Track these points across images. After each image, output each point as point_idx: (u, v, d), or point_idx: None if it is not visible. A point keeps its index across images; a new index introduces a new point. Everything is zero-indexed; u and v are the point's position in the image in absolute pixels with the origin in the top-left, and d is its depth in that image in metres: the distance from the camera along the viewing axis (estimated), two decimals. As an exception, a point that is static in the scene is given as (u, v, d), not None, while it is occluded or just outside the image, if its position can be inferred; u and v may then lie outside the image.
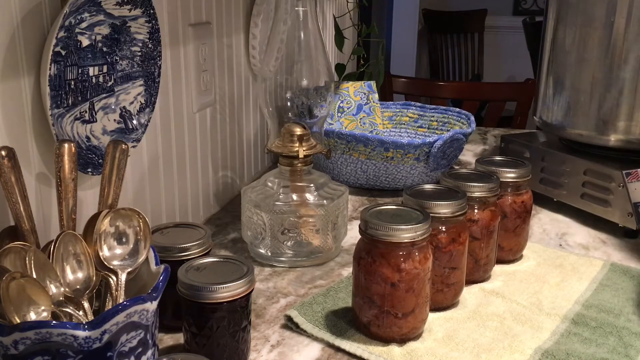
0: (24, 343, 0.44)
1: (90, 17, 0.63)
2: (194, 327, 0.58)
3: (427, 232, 0.64)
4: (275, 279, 0.80)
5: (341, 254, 0.88)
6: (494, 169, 0.83)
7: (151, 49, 0.72)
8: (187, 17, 0.88)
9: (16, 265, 0.49)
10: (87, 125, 0.65)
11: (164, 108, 0.83)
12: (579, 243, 0.93)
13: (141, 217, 0.56)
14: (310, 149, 0.83)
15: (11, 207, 0.53)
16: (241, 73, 1.09)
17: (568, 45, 1.01)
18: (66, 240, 0.53)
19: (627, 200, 0.91)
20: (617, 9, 0.93)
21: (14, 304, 0.46)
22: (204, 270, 0.60)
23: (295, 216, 0.82)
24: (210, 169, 0.99)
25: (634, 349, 0.65)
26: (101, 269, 0.55)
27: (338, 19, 1.56)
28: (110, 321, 0.45)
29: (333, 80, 0.89)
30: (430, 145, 1.04)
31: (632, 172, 0.92)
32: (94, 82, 0.65)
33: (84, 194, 0.67)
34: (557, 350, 0.64)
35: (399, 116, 1.34)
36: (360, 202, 1.08)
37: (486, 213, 0.77)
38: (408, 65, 3.70)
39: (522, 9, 4.13)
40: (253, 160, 1.18)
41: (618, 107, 0.96)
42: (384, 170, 1.08)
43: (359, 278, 0.65)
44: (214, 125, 0.99)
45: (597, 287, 0.78)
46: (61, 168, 0.56)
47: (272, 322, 0.70)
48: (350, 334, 0.67)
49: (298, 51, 0.86)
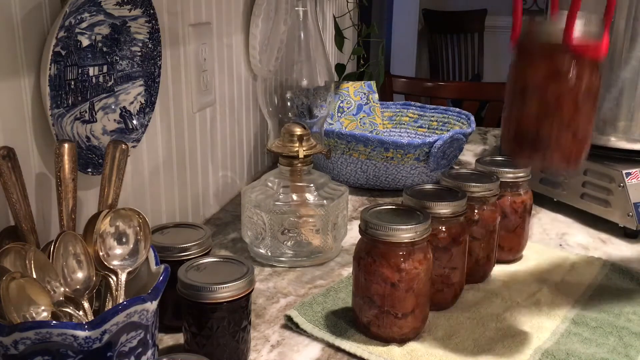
0: (24, 343, 0.44)
1: (90, 17, 0.63)
2: (194, 327, 0.58)
3: (427, 232, 0.64)
4: (275, 279, 0.80)
5: (341, 254, 0.88)
6: (494, 169, 0.83)
7: (151, 49, 0.72)
8: (187, 17, 0.88)
9: (16, 265, 0.49)
10: (87, 125, 0.65)
11: (164, 108, 0.83)
12: (579, 243, 0.93)
13: (141, 217, 0.56)
14: (310, 149, 0.83)
15: (11, 207, 0.53)
16: (241, 73, 1.09)
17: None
18: (66, 240, 0.53)
19: (627, 200, 0.91)
20: (617, 9, 0.93)
21: (14, 304, 0.46)
22: (204, 270, 0.60)
23: (295, 216, 0.82)
24: (210, 169, 0.99)
25: (634, 349, 0.65)
26: (101, 269, 0.55)
27: (338, 19, 1.56)
28: (110, 321, 0.45)
29: (333, 80, 0.89)
30: (430, 145, 1.04)
31: (632, 172, 0.92)
32: (94, 82, 0.65)
33: (84, 194, 0.67)
34: (557, 350, 0.64)
35: (399, 116, 1.34)
36: (360, 202, 1.08)
37: (486, 213, 0.77)
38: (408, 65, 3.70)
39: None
40: (253, 160, 1.18)
41: (618, 107, 0.96)
42: (384, 170, 1.08)
43: (359, 278, 0.65)
44: (214, 125, 0.99)
45: (597, 287, 0.78)
46: (61, 168, 0.56)
47: (272, 322, 0.70)
48: (350, 334, 0.67)
49: (298, 51, 0.86)
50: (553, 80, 0.56)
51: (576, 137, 0.57)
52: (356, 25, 1.65)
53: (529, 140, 0.58)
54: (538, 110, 0.57)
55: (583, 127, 0.57)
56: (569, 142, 0.57)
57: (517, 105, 0.59)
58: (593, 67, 0.56)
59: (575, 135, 0.57)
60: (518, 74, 0.58)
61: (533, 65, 0.57)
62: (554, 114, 0.56)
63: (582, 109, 0.56)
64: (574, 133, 0.57)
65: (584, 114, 0.57)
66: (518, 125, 0.59)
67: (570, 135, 0.57)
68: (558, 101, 0.56)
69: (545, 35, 0.56)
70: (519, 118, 0.59)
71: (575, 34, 0.54)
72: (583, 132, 0.58)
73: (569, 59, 0.55)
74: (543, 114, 0.57)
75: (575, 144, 0.58)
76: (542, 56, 0.56)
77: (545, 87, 0.56)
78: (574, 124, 0.57)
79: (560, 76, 0.55)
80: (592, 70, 0.56)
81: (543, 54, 0.56)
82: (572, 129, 0.57)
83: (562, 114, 0.56)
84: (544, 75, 0.56)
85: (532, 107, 0.57)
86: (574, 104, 0.56)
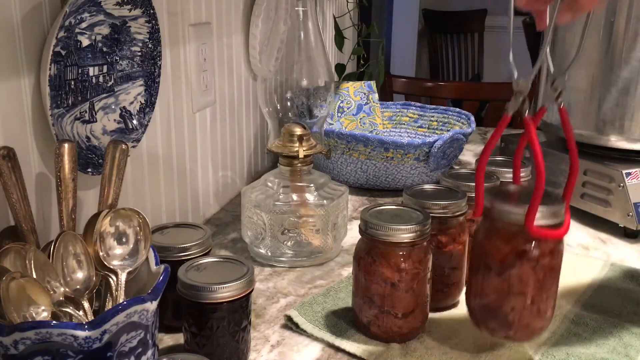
0: (24, 343, 0.44)
1: (90, 17, 0.63)
2: (194, 327, 0.58)
3: (427, 232, 0.64)
4: (275, 279, 0.80)
5: (341, 254, 0.88)
6: (494, 169, 0.83)
7: (151, 49, 0.72)
8: (187, 17, 0.88)
9: (16, 265, 0.49)
10: (87, 125, 0.65)
11: (164, 108, 0.83)
12: (579, 243, 0.93)
13: (141, 217, 0.56)
14: (310, 149, 0.83)
15: (11, 207, 0.53)
16: (241, 73, 1.09)
17: (568, 45, 1.01)
18: (66, 240, 0.53)
19: (627, 200, 0.91)
20: (617, 9, 0.93)
21: (14, 304, 0.46)
22: (204, 270, 0.60)
23: (295, 216, 0.82)
24: (210, 169, 0.99)
25: (634, 349, 0.65)
26: (101, 269, 0.55)
27: (338, 19, 1.56)
28: (110, 321, 0.45)
29: (333, 80, 0.89)
30: (430, 145, 1.04)
31: (632, 172, 0.92)
32: (94, 82, 0.65)
33: (84, 194, 0.67)
34: (557, 350, 0.64)
35: (399, 116, 1.34)
36: (360, 202, 1.08)
37: (486, 213, 0.77)
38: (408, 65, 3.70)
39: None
40: (253, 160, 1.18)
41: (618, 107, 0.96)
42: (384, 170, 1.08)
43: (359, 278, 0.65)
44: (214, 125, 0.99)
45: (597, 287, 0.78)
46: (61, 168, 0.56)
47: (272, 322, 0.70)
48: (350, 334, 0.66)
49: (298, 51, 0.86)
50: (515, 262, 0.56)
51: (539, 314, 0.58)
52: (356, 25, 1.65)
53: (491, 313, 0.59)
54: (501, 287, 0.57)
55: (546, 304, 0.58)
56: (532, 320, 0.58)
57: (480, 279, 0.59)
58: (556, 246, 0.57)
59: (538, 312, 0.58)
60: (482, 249, 0.59)
61: (496, 245, 0.57)
62: (516, 293, 0.57)
63: (544, 287, 0.57)
64: (537, 311, 0.58)
65: (546, 291, 0.58)
66: (481, 298, 0.60)
67: (534, 313, 0.58)
68: (520, 281, 0.56)
69: (507, 215, 0.56)
70: (482, 292, 0.59)
71: (537, 217, 0.54)
72: (545, 308, 0.58)
73: (530, 242, 0.56)
74: (506, 292, 0.57)
75: (539, 320, 0.59)
76: (504, 238, 0.57)
77: (507, 267, 0.56)
78: (537, 302, 0.57)
79: (522, 258, 0.56)
80: (555, 249, 0.57)
81: (505, 235, 0.57)
82: (535, 307, 0.57)
83: (525, 293, 0.57)
84: (506, 255, 0.56)
85: (495, 284, 0.58)
86: (536, 284, 0.56)
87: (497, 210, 0.56)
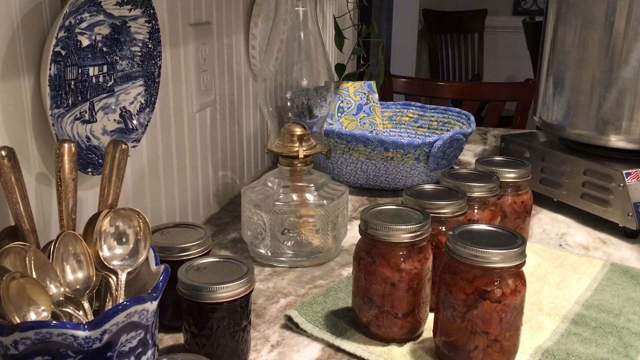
0: (24, 343, 0.44)
1: (90, 17, 0.63)
2: (194, 327, 0.58)
3: (427, 232, 0.64)
4: (275, 279, 0.80)
5: (341, 254, 0.88)
6: (494, 169, 0.83)
7: (151, 49, 0.72)
8: (187, 17, 0.88)
9: (16, 265, 0.49)
10: (87, 125, 0.65)
11: (164, 108, 0.83)
12: (579, 243, 0.93)
13: (141, 217, 0.56)
14: (310, 149, 0.83)
15: (11, 207, 0.53)
16: (241, 73, 1.09)
17: (568, 45, 1.01)
18: (66, 240, 0.53)
19: (627, 200, 0.91)
20: (617, 9, 0.93)
21: (14, 304, 0.46)
22: (204, 270, 0.60)
23: (295, 216, 0.82)
24: (210, 169, 0.99)
25: (634, 349, 0.65)
26: (101, 269, 0.55)
27: (338, 19, 1.56)
28: (110, 321, 0.45)
29: (333, 80, 0.89)
30: (430, 145, 1.04)
31: (632, 172, 0.92)
32: (94, 82, 0.65)
33: (84, 194, 0.67)
34: (557, 350, 0.64)
35: (399, 116, 1.34)
36: (360, 202, 1.08)
37: (486, 213, 0.77)
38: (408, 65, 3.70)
39: (522, 9, 4.13)
40: (253, 160, 1.18)
41: (618, 107, 0.96)
42: (384, 170, 1.08)
43: (359, 278, 0.65)
44: (214, 125, 0.99)
45: (597, 287, 0.78)
46: (61, 168, 0.56)
47: (272, 322, 0.70)
48: (350, 334, 0.67)
49: (298, 51, 0.86)
50: (478, 302, 0.58)
51: (502, 351, 0.60)
52: (356, 25, 1.65)
53: (456, 351, 0.60)
54: (465, 327, 0.59)
55: (509, 341, 0.60)
56: (496, 357, 0.59)
57: (444, 317, 0.61)
58: (517, 286, 0.59)
59: (501, 350, 0.59)
60: (447, 288, 0.60)
61: (459, 285, 0.59)
62: (480, 332, 0.58)
63: (508, 325, 0.59)
64: (500, 348, 0.59)
65: (509, 329, 0.59)
66: (446, 336, 0.61)
67: (497, 350, 0.59)
68: (483, 321, 0.58)
69: (470, 257, 0.57)
70: (446, 330, 0.61)
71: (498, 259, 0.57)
72: (509, 345, 0.60)
73: (493, 283, 0.58)
74: (469, 331, 0.59)
75: (502, 357, 0.60)
76: (467, 279, 0.58)
77: (470, 307, 0.58)
78: (500, 340, 0.59)
79: (484, 299, 0.57)
80: (516, 289, 0.58)
81: (468, 276, 0.58)
82: (498, 345, 0.59)
83: (488, 332, 0.58)
84: (469, 295, 0.58)
85: (458, 323, 0.59)
86: (499, 323, 0.58)
87: (460, 252, 0.58)
